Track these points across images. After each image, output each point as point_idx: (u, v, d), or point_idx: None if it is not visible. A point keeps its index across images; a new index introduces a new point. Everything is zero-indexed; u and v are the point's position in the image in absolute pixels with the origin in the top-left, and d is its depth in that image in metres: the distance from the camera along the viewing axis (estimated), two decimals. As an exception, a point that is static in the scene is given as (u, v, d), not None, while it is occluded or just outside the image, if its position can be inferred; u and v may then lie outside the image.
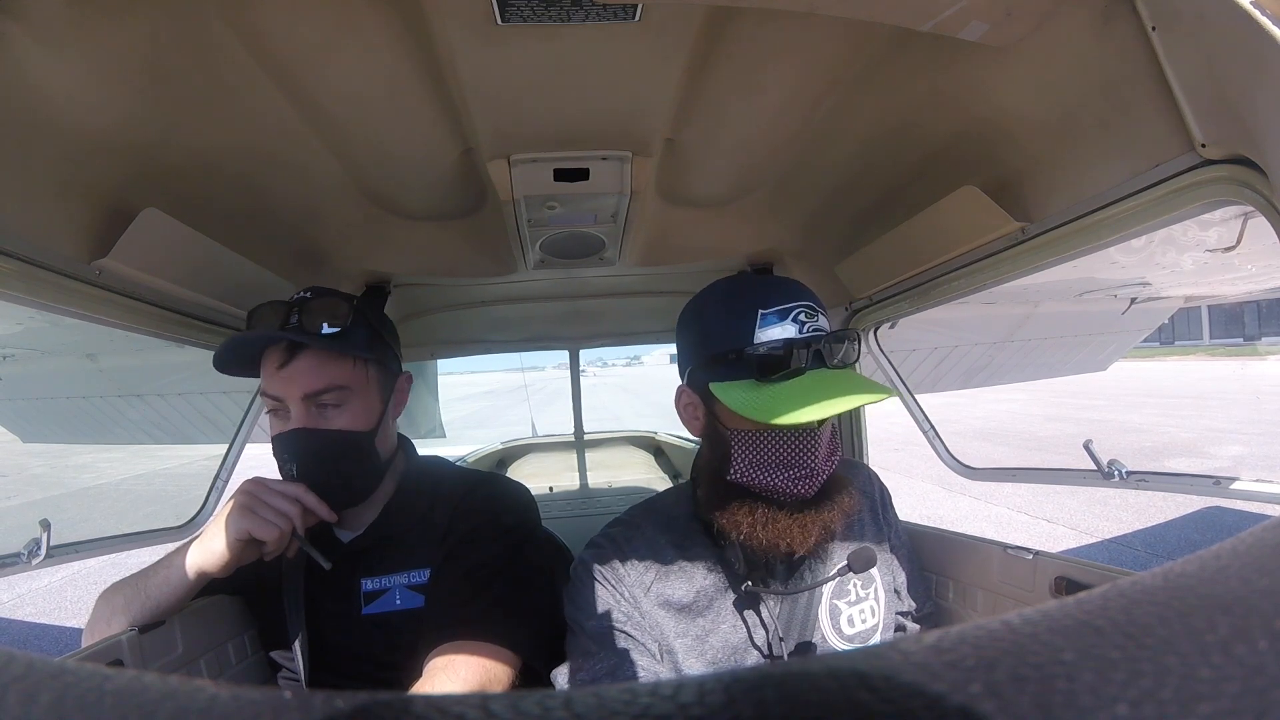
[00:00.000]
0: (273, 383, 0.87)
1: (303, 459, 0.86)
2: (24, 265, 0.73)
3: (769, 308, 0.75)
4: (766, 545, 0.75)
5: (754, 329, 0.74)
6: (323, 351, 0.87)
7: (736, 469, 0.77)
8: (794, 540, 0.74)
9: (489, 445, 3.03)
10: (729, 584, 0.82)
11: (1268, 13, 0.45)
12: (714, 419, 0.79)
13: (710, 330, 0.78)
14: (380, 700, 0.12)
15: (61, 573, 4.78)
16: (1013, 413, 11.53)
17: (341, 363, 0.88)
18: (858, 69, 0.81)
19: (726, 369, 0.76)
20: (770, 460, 0.75)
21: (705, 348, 0.78)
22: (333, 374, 0.87)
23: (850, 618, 0.84)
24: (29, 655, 0.13)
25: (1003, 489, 5.86)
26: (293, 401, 0.86)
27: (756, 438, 0.75)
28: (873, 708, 0.11)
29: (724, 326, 0.77)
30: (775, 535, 0.75)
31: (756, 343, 0.74)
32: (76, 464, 9.52)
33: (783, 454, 0.75)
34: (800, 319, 0.75)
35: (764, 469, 0.75)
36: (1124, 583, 0.15)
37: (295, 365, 0.86)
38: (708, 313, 0.80)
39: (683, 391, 0.84)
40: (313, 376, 0.86)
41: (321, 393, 0.87)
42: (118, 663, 0.80)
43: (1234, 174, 0.61)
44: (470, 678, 0.77)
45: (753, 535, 0.75)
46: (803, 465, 0.75)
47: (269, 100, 0.78)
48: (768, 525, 0.75)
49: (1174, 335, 34.05)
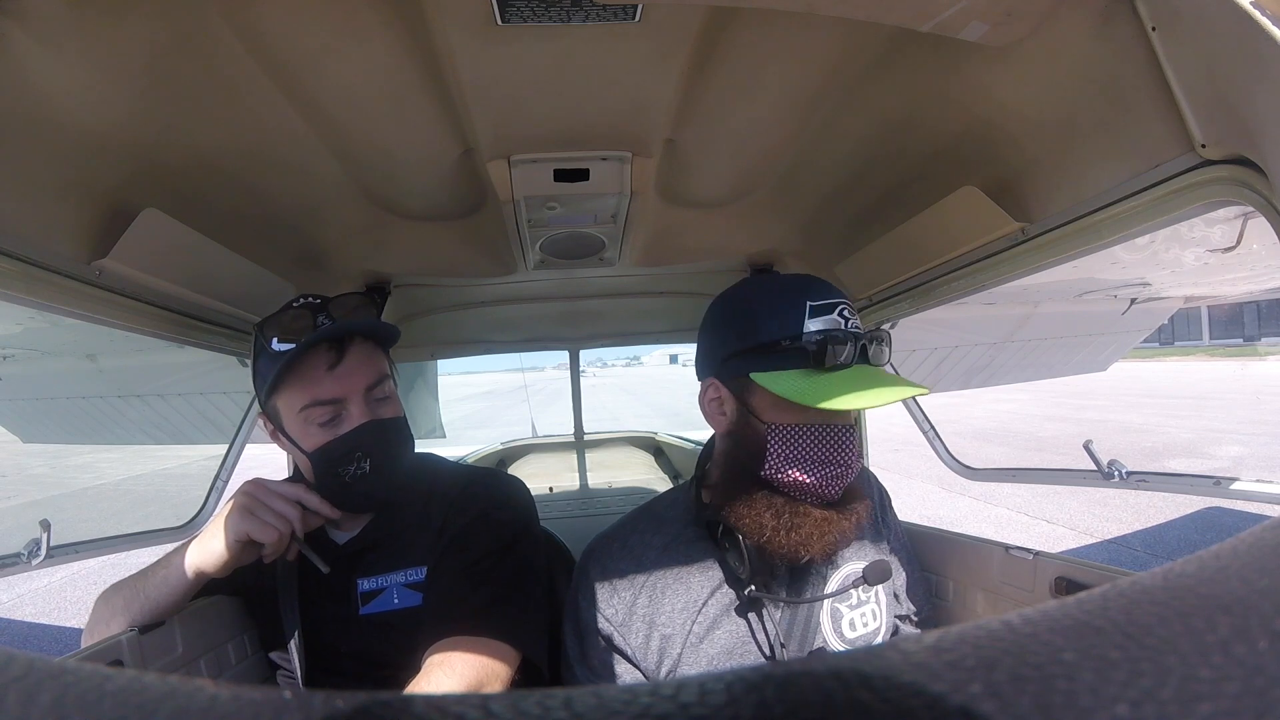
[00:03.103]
0: (326, 386, 0.84)
1: (380, 452, 0.86)
2: (24, 265, 0.73)
3: (816, 301, 0.75)
4: (788, 551, 0.74)
5: (804, 319, 0.74)
6: (367, 343, 0.88)
7: (772, 464, 0.75)
8: (814, 547, 0.74)
9: (489, 445, 3.03)
10: (730, 588, 0.80)
11: (1268, 13, 0.45)
12: (747, 413, 0.77)
13: (758, 320, 0.77)
14: (380, 700, 0.12)
15: (61, 573, 4.78)
16: (1013, 413, 11.53)
17: (380, 352, 0.89)
18: (858, 69, 0.81)
19: (773, 359, 0.75)
20: (808, 456, 0.74)
21: (750, 337, 0.76)
22: (381, 363, 0.89)
23: (852, 621, 0.83)
24: (29, 655, 0.13)
25: (1002, 489, 5.86)
26: (354, 397, 0.85)
27: (796, 433, 0.74)
28: (873, 707, 0.11)
29: (773, 316, 0.76)
30: (798, 541, 0.73)
31: (808, 332, 0.73)
32: (76, 464, 9.52)
33: (821, 450, 0.74)
34: (845, 314, 0.76)
35: (802, 465, 0.74)
36: (1124, 583, 0.15)
37: (348, 362, 0.85)
38: (755, 303, 0.79)
39: (709, 385, 0.82)
40: (369, 367, 0.87)
41: (379, 383, 0.87)
42: (118, 663, 0.80)
43: (1234, 174, 0.61)
44: (468, 673, 0.77)
45: (775, 539, 0.74)
46: (839, 463, 0.74)
47: (269, 100, 0.78)
48: (792, 530, 0.73)
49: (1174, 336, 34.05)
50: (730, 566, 0.79)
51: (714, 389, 0.81)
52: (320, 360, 0.84)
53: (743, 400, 0.78)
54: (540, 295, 1.74)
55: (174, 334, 1.03)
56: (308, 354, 0.83)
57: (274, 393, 0.85)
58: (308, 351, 0.83)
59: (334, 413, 0.85)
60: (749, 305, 0.79)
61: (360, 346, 0.87)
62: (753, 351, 0.76)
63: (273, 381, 0.83)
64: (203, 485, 1.40)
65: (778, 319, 0.75)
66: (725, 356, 0.79)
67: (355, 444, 0.85)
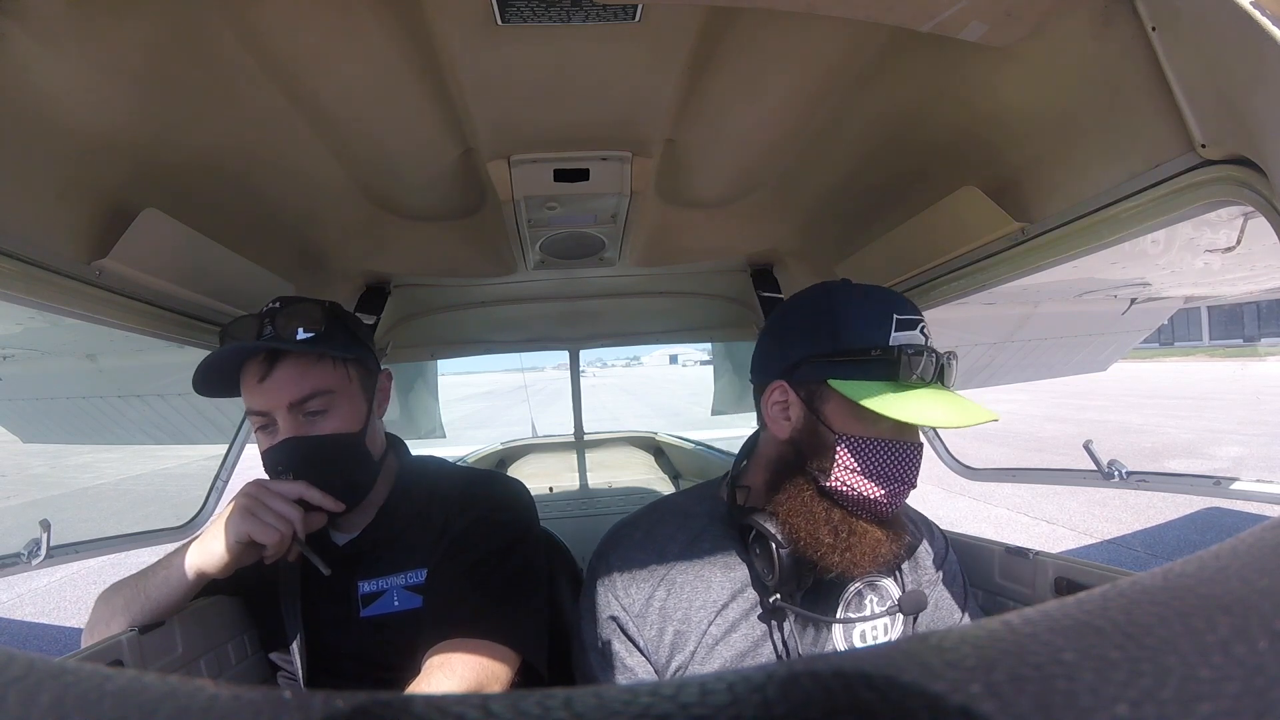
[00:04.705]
0: (255, 397, 0.85)
1: (297, 469, 0.85)
2: (24, 265, 0.73)
3: (903, 315, 0.74)
4: (840, 569, 0.73)
5: (890, 332, 0.73)
6: (303, 358, 0.85)
7: (839, 475, 0.73)
8: (864, 567, 0.73)
9: (489, 445, 3.03)
10: (753, 591, 0.79)
11: (1268, 13, 0.45)
12: (816, 420, 0.76)
13: (844, 324, 0.75)
14: (380, 700, 0.12)
15: (61, 573, 4.78)
16: (1013, 413, 11.52)
17: (322, 366, 0.86)
18: (858, 69, 0.81)
19: (855, 367, 0.73)
20: (877, 470, 0.73)
21: (834, 342, 0.75)
22: (315, 379, 0.85)
23: (863, 633, 0.82)
24: (29, 655, 0.13)
25: (1002, 489, 5.86)
26: (279, 412, 0.84)
27: (868, 446, 0.73)
28: (874, 707, 0.11)
29: (862, 322, 0.75)
30: (851, 561, 0.73)
31: (896, 344, 0.73)
32: (76, 464, 9.52)
33: (890, 465, 0.73)
34: (925, 333, 0.75)
35: (869, 478, 0.73)
36: (1124, 583, 0.15)
37: (276, 376, 0.84)
38: (839, 310, 0.77)
39: (775, 388, 0.79)
40: (295, 384, 0.84)
41: (307, 399, 0.85)
42: (118, 663, 0.80)
43: (1234, 174, 0.61)
44: (468, 675, 0.77)
45: (830, 558, 0.73)
46: (905, 480, 0.74)
47: (269, 101, 0.78)
48: (847, 550, 0.73)
49: (1174, 336, 34.04)
50: (757, 571, 0.78)
51: (781, 392, 0.79)
52: (253, 372, 0.85)
53: (813, 407, 0.76)
54: (540, 295, 1.75)
55: (174, 334, 1.03)
56: (247, 363, 0.86)
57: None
58: (247, 360, 0.85)
59: (265, 422, 0.86)
60: (832, 310, 0.77)
61: (295, 361, 0.85)
62: (833, 358, 0.74)
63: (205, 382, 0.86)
64: (203, 485, 1.40)
65: (865, 326, 0.74)
66: (799, 360, 0.77)
67: (278, 458, 0.85)
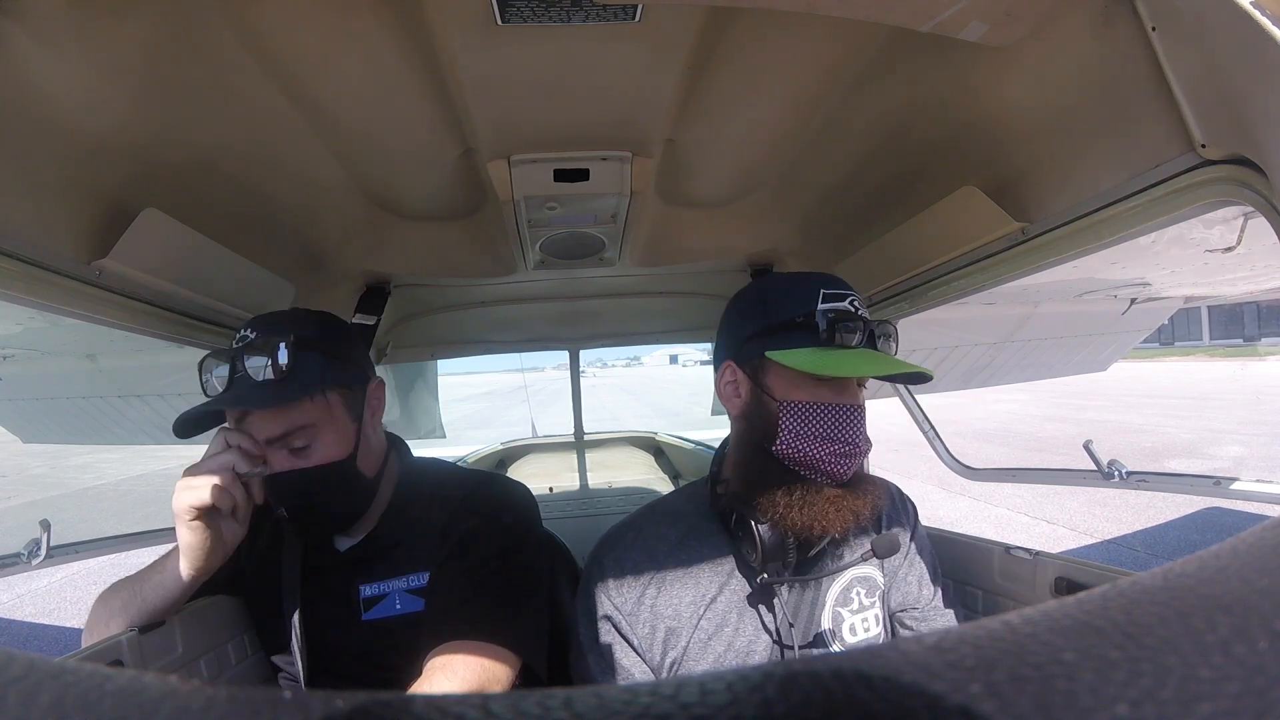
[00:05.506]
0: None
1: (288, 503, 0.86)
2: (24, 265, 0.73)
3: (830, 289, 0.80)
4: (800, 527, 0.76)
5: (817, 301, 0.79)
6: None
7: (784, 440, 0.78)
8: (828, 522, 0.76)
9: (489, 445, 3.03)
10: (741, 577, 0.83)
11: (1268, 13, 0.45)
12: (761, 392, 0.81)
13: (775, 302, 0.82)
14: (380, 700, 0.12)
15: (61, 573, 4.78)
16: (1013, 413, 11.53)
17: (297, 405, 0.83)
18: (858, 69, 0.81)
19: (786, 336, 0.79)
20: (818, 433, 0.77)
21: (766, 318, 0.81)
22: (290, 418, 0.83)
23: (853, 626, 0.85)
24: (29, 655, 0.13)
25: (1002, 490, 5.86)
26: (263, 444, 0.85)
27: (806, 410, 0.78)
28: (874, 707, 0.11)
29: (790, 297, 0.81)
30: (810, 517, 0.76)
31: (821, 309, 0.78)
32: (76, 464, 9.52)
33: (830, 427, 0.78)
34: (855, 305, 0.81)
35: (811, 440, 0.77)
36: (1124, 583, 0.15)
37: (249, 420, 0.84)
38: (770, 289, 0.85)
39: (726, 368, 0.85)
40: (270, 425, 0.83)
41: (287, 435, 0.84)
42: (118, 663, 0.80)
43: (1234, 174, 0.61)
44: (469, 677, 0.77)
45: (788, 515, 0.77)
46: (847, 440, 0.78)
47: (269, 100, 0.78)
48: (804, 507, 0.77)
49: (1174, 336, 34.04)
50: (743, 555, 0.81)
51: (730, 371, 0.85)
52: (230, 417, 0.85)
53: (757, 380, 0.82)
54: (540, 295, 1.75)
55: (174, 334, 1.03)
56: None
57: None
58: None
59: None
60: (764, 292, 0.85)
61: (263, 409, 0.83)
62: (767, 332, 0.80)
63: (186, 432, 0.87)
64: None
65: (792, 301, 0.80)
66: (741, 340, 0.83)
67: (271, 489, 0.85)
